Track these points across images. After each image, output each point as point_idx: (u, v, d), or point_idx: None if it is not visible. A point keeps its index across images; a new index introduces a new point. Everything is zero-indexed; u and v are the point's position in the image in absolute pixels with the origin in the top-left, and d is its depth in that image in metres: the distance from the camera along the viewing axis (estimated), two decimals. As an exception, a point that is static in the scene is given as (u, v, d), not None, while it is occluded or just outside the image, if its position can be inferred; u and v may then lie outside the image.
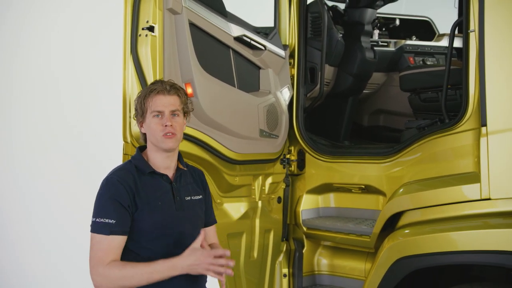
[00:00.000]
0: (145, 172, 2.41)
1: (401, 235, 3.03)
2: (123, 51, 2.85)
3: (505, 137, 2.73)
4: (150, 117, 2.39)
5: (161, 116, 2.39)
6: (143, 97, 2.42)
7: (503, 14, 2.79)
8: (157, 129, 2.38)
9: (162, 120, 2.38)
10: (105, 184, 2.35)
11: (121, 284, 2.24)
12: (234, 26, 3.35)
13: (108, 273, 2.24)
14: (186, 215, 2.45)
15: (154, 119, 2.39)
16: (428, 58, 4.82)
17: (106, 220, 2.28)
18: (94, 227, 2.30)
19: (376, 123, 4.92)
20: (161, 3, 2.85)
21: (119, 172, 2.39)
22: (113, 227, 2.27)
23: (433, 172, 3.12)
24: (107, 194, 2.32)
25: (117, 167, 2.45)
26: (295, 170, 3.85)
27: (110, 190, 2.32)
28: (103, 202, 2.31)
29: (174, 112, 2.41)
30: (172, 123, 2.38)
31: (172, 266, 2.25)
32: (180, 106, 2.44)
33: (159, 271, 2.25)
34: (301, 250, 3.76)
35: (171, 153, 2.45)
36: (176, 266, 2.26)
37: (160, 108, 2.38)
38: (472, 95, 2.88)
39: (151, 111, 2.39)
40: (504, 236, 2.63)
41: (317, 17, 3.92)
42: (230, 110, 3.27)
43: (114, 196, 2.31)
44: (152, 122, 2.39)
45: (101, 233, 2.27)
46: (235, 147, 3.30)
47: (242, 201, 3.49)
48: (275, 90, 3.66)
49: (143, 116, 2.42)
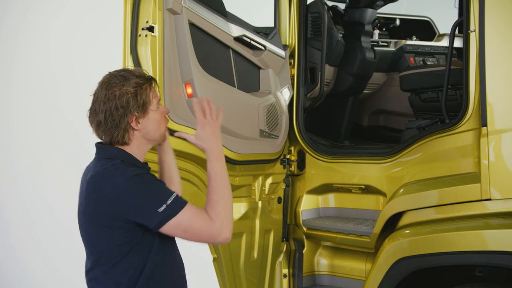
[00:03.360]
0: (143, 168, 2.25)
1: (402, 235, 3.02)
2: (123, 51, 2.84)
3: (506, 137, 2.73)
4: (155, 107, 2.21)
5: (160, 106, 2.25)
6: (144, 88, 2.19)
7: (503, 14, 2.79)
8: (163, 120, 2.25)
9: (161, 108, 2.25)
10: (139, 177, 2.11)
11: (231, 208, 2.17)
12: (234, 26, 3.35)
13: (221, 216, 2.12)
14: None
15: (160, 109, 2.24)
16: (428, 58, 4.82)
17: (173, 195, 2.09)
18: (173, 210, 2.07)
19: (376, 123, 4.92)
20: (160, 3, 2.84)
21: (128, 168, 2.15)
22: (182, 197, 2.13)
23: (434, 173, 3.12)
24: (151, 181, 2.12)
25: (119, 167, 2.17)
26: (295, 171, 3.85)
27: (148, 177, 2.13)
28: (155, 187, 2.11)
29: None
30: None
31: (216, 157, 2.20)
32: None
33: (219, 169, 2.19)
34: (301, 250, 3.76)
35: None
36: (216, 154, 2.20)
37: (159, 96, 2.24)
38: (473, 95, 2.88)
39: (157, 101, 2.21)
40: (505, 236, 2.63)
41: (317, 17, 3.92)
42: (230, 110, 3.27)
43: (155, 179, 2.15)
44: (156, 114, 2.21)
45: (184, 206, 2.09)
46: (235, 147, 3.29)
47: (242, 202, 3.49)
48: (275, 90, 3.66)
49: (143, 110, 2.18)
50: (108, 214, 2.11)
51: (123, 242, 2.14)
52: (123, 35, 2.84)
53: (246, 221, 3.51)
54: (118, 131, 2.19)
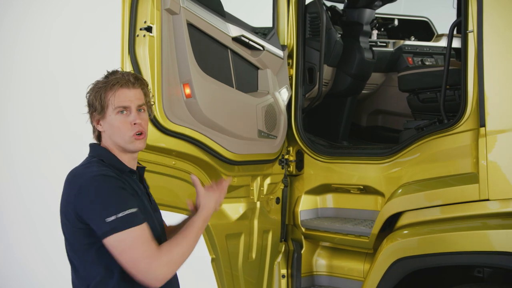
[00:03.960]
0: (124, 170, 2.15)
1: (400, 235, 3.02)
2: (121, 51, 2.83)
3: (504, 137, 2.73)
4: (112, 114, 2.11)
5: (126, 112, 2.11)
6: (103, 90, 2.10)
7: (501, 15, 2.79)
8: (124, 128, 2.10)
9: (129, 117, 2.11)
10: (103, 180, 2.02)
11: (183, 260, 2.02)
12: (232, 26, 3.35)
13: (171, 257, 1.97)
14: (159, 216, 2.29)
15: (119, 116, 2.11)
16: (427, 58, 4.82)
17: (130, 210, 1.97)
18: (121, 224, 1.94)
19: (375, 123, 4.92)
20: (159, 4, 2.84)
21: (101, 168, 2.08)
22: (140, 215, 1.99)
23: (432, 173, 3.12)
24: (113, 186, 2.02)
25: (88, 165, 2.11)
26: (293, 171, 3.84)
27: (112, 182, 2.02)
28: (115, 195, 2.00)
29: (140, 107, 2.14)
30: (141, 120, 2.13)
31: (206, 218, 2.16)
32: (145, 100, 2.17)
33: (201, 228, 2.12)
34: (299, 250, 3.76)
35: (137, 154, 2.20)
36: (208, 216, 2.17)
37: (125, 103, 2.09)
38: (471, 95, 2.88)
39: (114, 107, 2.10)
40: (503, 236, 2.63)
41: (315, 17, 3.92)
42: (228, 111, 3.27)
43: (121, 186, 2.03)
44: (116, 119, 2.10)
45: (135, 225, 1.95)
46: (233, 148, 3.29)
47: (241, 202, 3.49)
48: (273, 90, 3.66)
49: (102, 113, 2.11)
50: (72, 212, 2.05)
51: (87, 243, 2.05)
52: (121, 35, 2.83)
53: (245, 222, 3.51)
54: (93, 129, 2.21)
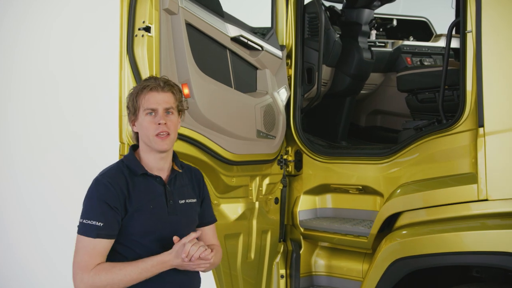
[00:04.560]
0: (137, 173, 2.32)
1: (399, 236, 3.02)
2: (119, 51, 2.83)
3: (503, 137, 2.73)
4: (142, 115, 2.30)
5: (154, 114, 2.29)
6: (135, 94, 2.32)
7: (500, 15, 2.79)
8: (150, 128, 2.28)
9: (155, 118, 2.28)
10: (95, 184, 2.25)
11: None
12: (231, 26, 3.34)
13: (93, 280, 2.15)
14: (179, 220, 2.37)
15: (147, 117, 2.29)
16: (426, 58, 4.82)
17: (94, 222, 2.18)
18: (80, 228, 2.20)
19: (374, 123, 4.92)
20: (157, 4, 2.84)
21: (110, 172, 2.29)
22: (100, 230, 2.18)
23: (431, 173, 3.12)
24: (96, 195, 2.22)
25: (108, 167, 2.36)
26: (292, 171, 3.84)
27: (99, 191, 2.22)
28: (92, 203, 2.22)
29: (168, 110, 2.31)
30: (166, 122, 2.29)
31: (161, 262, 2.19)
32: (175, 104, 2.34)
33: (148, 269, 2.18)
34: (298, 251, 3.76)
35: (165, 154, 2.35)
36: (165, 262, 2.19)
37: (153, 106, 2.28)
38: (469, 95, 2.88)
39: (143, 109, 2.29)
40: (502, 237, 2.63)
41: (314, 17, 3.91)
42: (227, 111, 3.26)
43: (104, 198, 2.21)
44: (144, 120, 2.29)
45: (87, 236, 2.18)
46: (232, 148, 3.29)
47: (239, 202, 3.48)
48: (272, 90, 3.66)
49: (135, 114, 2.32)
50: None
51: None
52: (120, 35, 2.83)
53: (243, 222, 3.51)
54: (131, 129, 2.40)
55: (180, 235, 2.29)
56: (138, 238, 2.27)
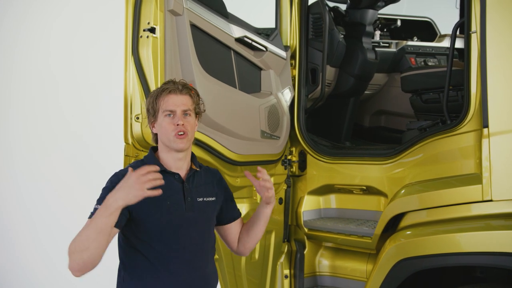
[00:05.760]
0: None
1: (403, 236, 3.02)
2: (124, 52, 2.85)
3: (507, 138, 2.73)
4: (161, 116, 2.39)
5: (172, 115, 2.38)
6: (155, 96, 2.41)
7: (504, 15, 2.79)
8: (169, 128, 2.37)
9: (174, 119, 2.37)
10: (113, 175, 2.34)
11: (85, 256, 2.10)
12: (235, 27, 3.35)
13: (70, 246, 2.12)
14: (196, 217, 2.42)
15: (166, 119, 2.38)
16: (430, 59, 4.82)
17: (97, 206, 2.21)
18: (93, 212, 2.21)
19: (378, 124, 4.91)
20: (162, 5, 2.85)
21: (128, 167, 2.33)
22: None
23: (435, 173, 3.11)
24: (109, 184, 2.28)
25: (129, 164, 2.45)
26: (296, 171, 3.85)
27: (113, 181, 2.28)
28: (104, 192, 2.27)
29: (186, 112, 2.40)
30: (184, 123, 2.37)
31: (105, 204, 2.12)
32: (192, 106, 2.43)
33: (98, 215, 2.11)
34: (302, 251, 3.76)
35: (183, 154, 2.42)
36: (108, 202, 2.11)
37: (171, 107, 2.37)
38: (474, 96, 2.87)
39: (163, 111, 2.38)
40: (506, 237, 2.62)
41: (318, 18, 3.92)
42: (231, 111, 3.27)
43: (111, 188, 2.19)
44: (163, 121, 2.38)
45: (89, 218, 2.21)
46: (236, 148, 3.29)
47: (244, 202, 3.49)
48: (276, 91, 3.66)
49: (155, 116, 2.41)
50: None
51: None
52: (125, 36, 2.84)
53: (248, 222, 3.51)
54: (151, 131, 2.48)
55: (196, 232, 2.38)
56: (155, 234, 2.31)
